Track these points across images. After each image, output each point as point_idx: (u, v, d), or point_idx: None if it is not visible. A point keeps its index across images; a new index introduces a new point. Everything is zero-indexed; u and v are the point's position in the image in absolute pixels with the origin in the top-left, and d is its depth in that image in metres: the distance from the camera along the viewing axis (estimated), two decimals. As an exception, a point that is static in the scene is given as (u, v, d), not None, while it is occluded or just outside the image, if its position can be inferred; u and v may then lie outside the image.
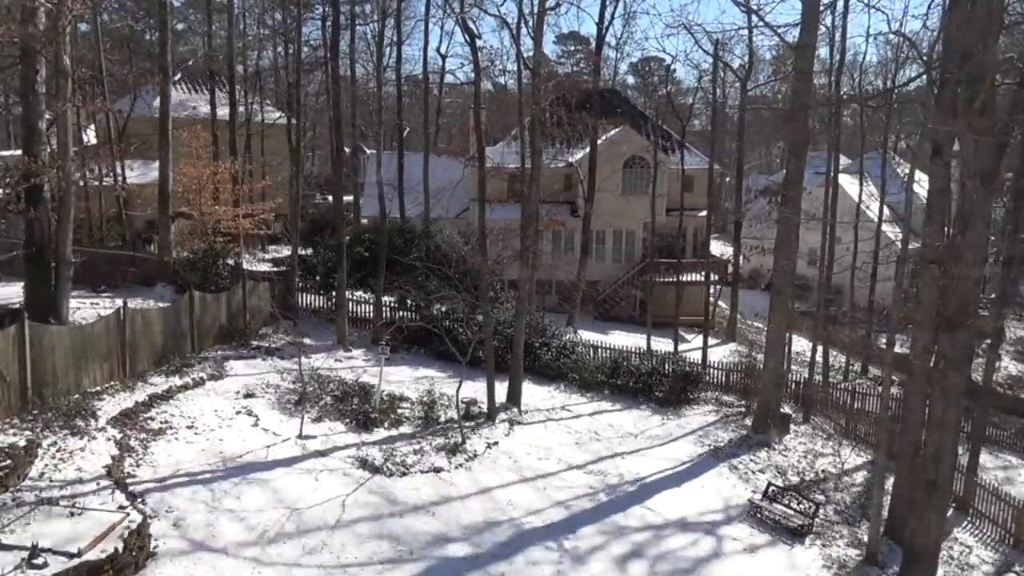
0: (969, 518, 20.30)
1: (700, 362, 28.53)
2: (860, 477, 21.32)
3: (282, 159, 39.75)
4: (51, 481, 12.95)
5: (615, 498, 17.59)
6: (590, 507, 16.91)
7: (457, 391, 19.75)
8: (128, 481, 13.97)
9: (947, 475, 16.21)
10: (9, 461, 12.62)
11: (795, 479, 20.45)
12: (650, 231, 37.72)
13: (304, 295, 28.56)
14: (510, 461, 18.60)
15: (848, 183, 45.70)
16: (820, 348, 31.62)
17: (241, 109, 41.03)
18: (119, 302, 19.83)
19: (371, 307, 27.63)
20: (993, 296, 25.51)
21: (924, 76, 26.12)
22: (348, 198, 37.96)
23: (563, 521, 16.05)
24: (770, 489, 18.52)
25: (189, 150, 31.81)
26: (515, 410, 21.73)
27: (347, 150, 40.61)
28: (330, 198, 38.34)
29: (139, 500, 13.37)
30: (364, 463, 16.79)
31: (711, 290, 37.92)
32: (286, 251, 37.42)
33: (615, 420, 23.01)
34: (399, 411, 19.89)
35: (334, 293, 26.58)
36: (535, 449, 19.60)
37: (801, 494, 18.47)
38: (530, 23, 28.78)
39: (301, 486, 15.39)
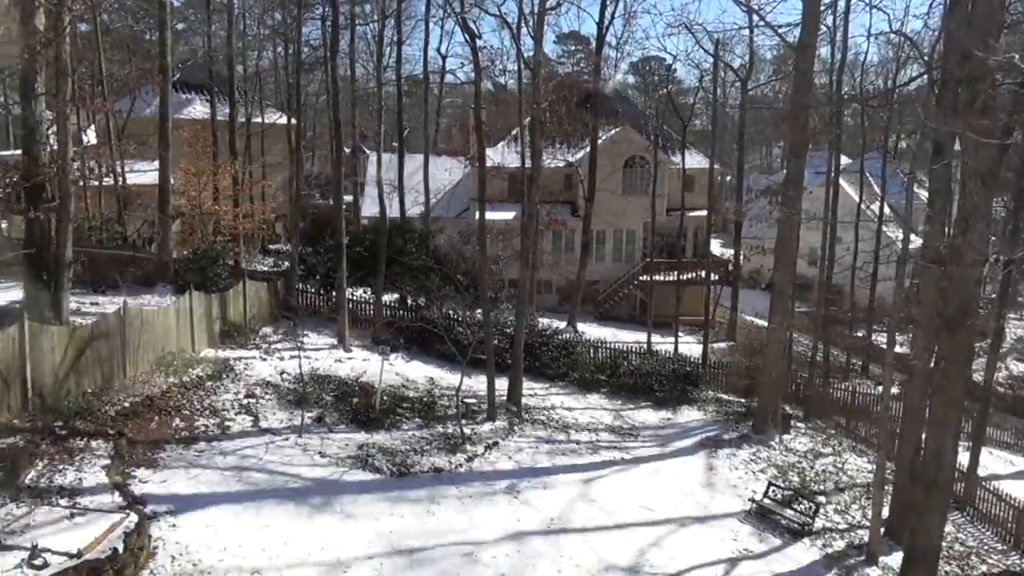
0: (969, 518, 20.29)
1: (700, 362, 28.54)
2: (860, 477, 21.31)
3: (282, 159, 39.73)
4: (51, 481, 12.93)
5: (615, 499, 17.60)
6: (591, 506, 16.91)
7: (457, 391, 19.75)
8: (128, 481, 13.96)
9: (947, 475, 16.19)
10: (9, 462, 12.60)
11: (795, 479, 20.46)
12: (650, 231, 37.71)
13: (304, 295, 28.54)
14: (510, 461, 18.60)
15: (848, 183, 45.68)
16: (820, 348, 31.62)
17: (241, 109, 40.99)
18: (119, 302, 19.81)
19: (371, 307, 27.64)
20: (993, 296, 25.52)
21: (925, 76, 26.19)
22: (348, 198, 37.95)
23: (561, 518, 16.06)
24: (770, 489, 18.51)
25: (190, 150, 31.80)
26: (515, 409, 21.72)
27: (347, 150, 40.64)
28: (330, 198, 38.28)
29: (138, 500, 13.35)
30: (365, 463, 16.77)
31: (711, 290, 37.91)
32: (286, 251, 37.42)
33: (615, 420, 23.02)
34: (399, 411, 19.88)
35: (334, 293, 26.58)
36: (534, 449, 19.60)
37: (801, 494, 18.48)
38: (530, 23, 28.81)
39: (301, 487, 15.39)
